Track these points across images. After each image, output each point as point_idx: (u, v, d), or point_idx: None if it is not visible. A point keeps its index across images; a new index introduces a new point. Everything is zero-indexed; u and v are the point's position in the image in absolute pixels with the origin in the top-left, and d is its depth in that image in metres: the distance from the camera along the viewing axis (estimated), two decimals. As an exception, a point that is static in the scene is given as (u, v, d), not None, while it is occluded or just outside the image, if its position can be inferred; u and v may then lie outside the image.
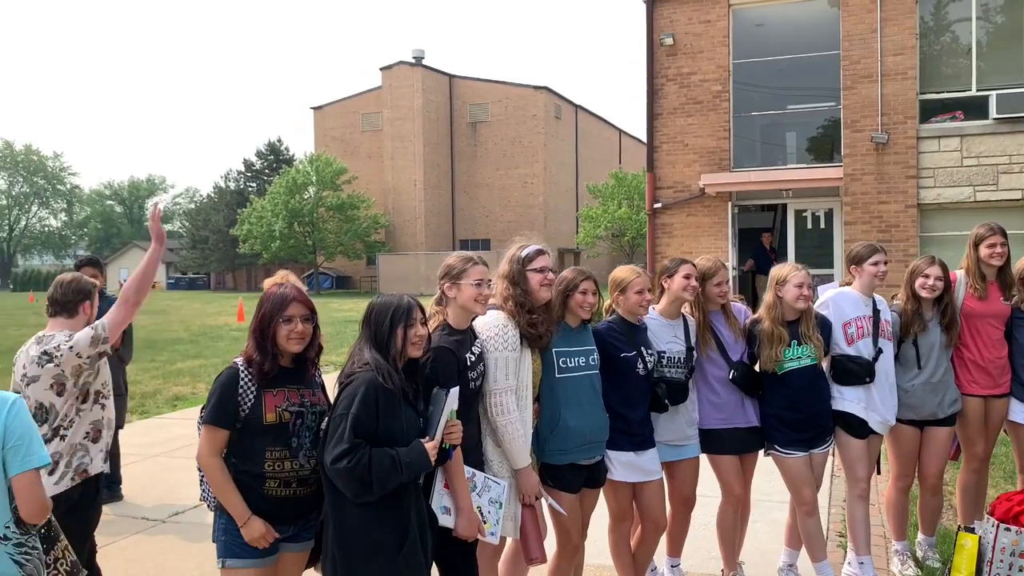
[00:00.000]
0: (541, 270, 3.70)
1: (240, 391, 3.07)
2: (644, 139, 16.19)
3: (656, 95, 15.54)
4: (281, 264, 52.69)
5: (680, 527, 4.58)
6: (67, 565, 2.94)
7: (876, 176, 13.64)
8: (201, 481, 3.27)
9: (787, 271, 4.54)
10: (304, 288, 6.14)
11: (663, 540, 4.54)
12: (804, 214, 15.02)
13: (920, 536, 5.06)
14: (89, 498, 3.86)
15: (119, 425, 5.93)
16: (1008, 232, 13.26)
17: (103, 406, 3.95)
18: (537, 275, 3.69)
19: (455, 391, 3.08)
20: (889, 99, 13.58)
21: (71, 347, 3.69)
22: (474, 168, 53.21)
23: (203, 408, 3.17)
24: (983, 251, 4.85)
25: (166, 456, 8.06)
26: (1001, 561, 4.20)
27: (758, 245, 15.54)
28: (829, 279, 10.99)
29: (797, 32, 15.12)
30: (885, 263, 4.71)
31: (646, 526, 4.32)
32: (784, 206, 15.28)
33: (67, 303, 3.91)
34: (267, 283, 3.63)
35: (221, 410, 3.06)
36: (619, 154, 61.71)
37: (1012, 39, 13.45)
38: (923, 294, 4.69)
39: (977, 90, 13.38)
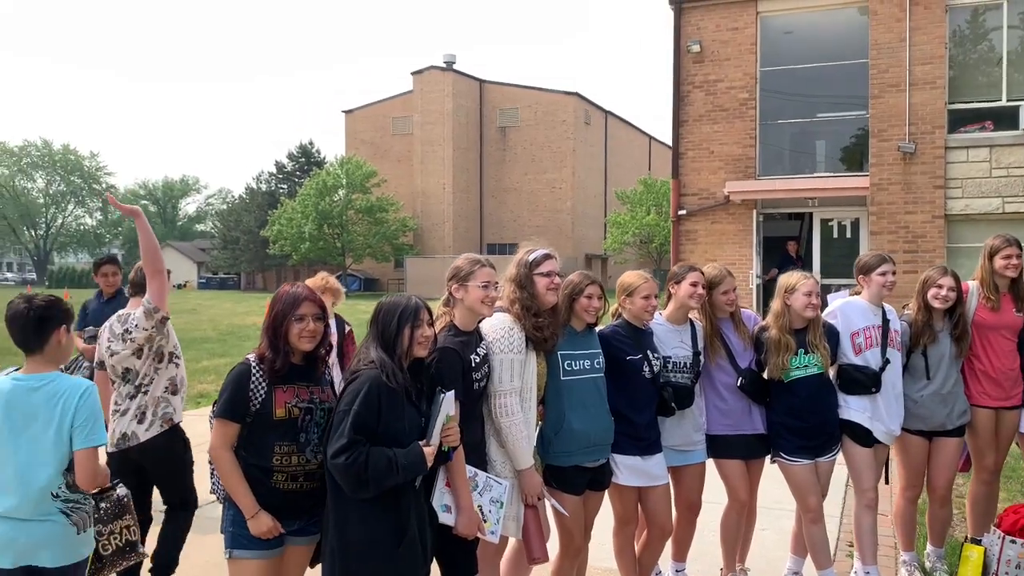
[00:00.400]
0: (548, 274, 3.76)
1: (252, 387, 3.17)
2: (672, 145, 16.19)
3: (682, 102, 15.53)
4: (311, 265, 53.30)
5: (686, 532, 4.62)
6: (121, 540, 3.17)
7: (903, 186, 13.53)
8: (212, 474, 3.37)
9: (796, 279, 4.56)
10: (342, 289, 6.16)
11: (668, 544, 4.59)
12: (830, 223, 14.92)
13: (929, 547, 5.05)
14: (179, 443, 4.71)
15: None
16: (1034, 244, 12.83)
17: (176, 365, 4.73)
18: (544, 279, 3.75)
19: (451, 395, 3.14)
20: (917, 108, 13.47)
21: (136, 323, 4.48)
22: (503, 173, 53.38)
23: (215, 403, 3.27)
24: (998, 263, 4.83)
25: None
26: (1007, 573, 4.20)
27: (783, 254, 15.46)
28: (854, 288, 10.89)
29: (826, 40, 15.04)
30: (893, 273, 4.71)
31: (652, 531, 4.36)
32: (810, 215, 15.19)
33: (141, 284, 4.70)
34: (308, 282, 4.33)
35: (232, 405, 3.16)
36: (648, 160, 61.58)
37: (1044, 49, 13.29)
38: (936, 304, 4.68)
39: (1008, 100, 13.23)
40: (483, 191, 53.92)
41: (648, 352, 4.24)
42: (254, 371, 3.20)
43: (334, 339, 5.34)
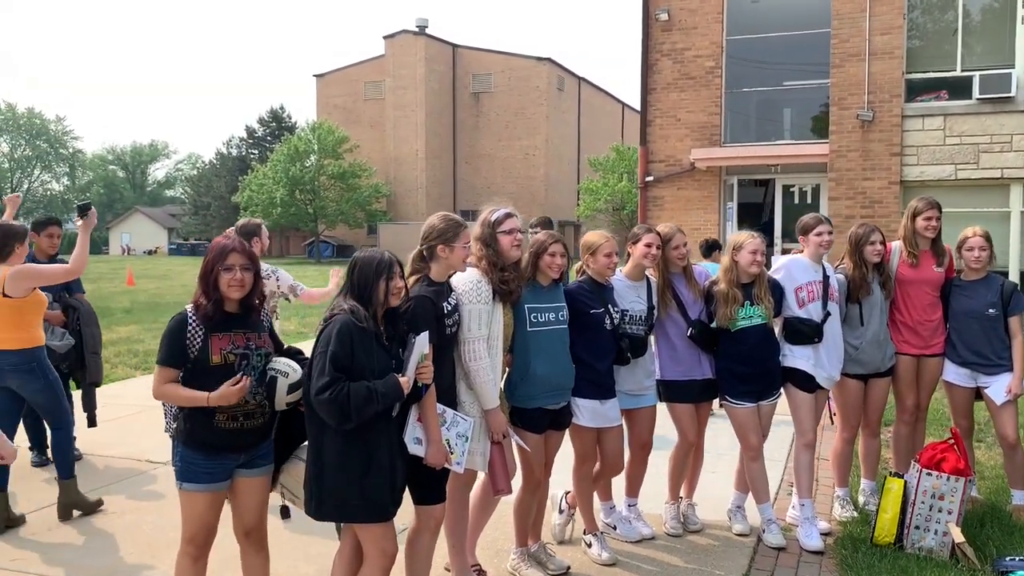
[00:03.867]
0: (510, 232, 4.11)
1: (188, 334, 3.44)
2: (643, 112, 16.50)
3: (650, 70, 15.84)
4: (283, 232, 53.15)
5: (638, 470, 5.05)
6: None
7: (861, 153, 14.00)
8: (165, 415, 3.64)
9: (743, 238, 4.96)
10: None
11: (623, 482, 5.02)
12: (792, 189, 15.42)
13: (863, 482, 5.53)
14: None
15: (97, 382, 6.46)
16: (989, 209, 13.83)
17: None
18: (507, 236, 4.10)
19: (425, 335, 3.50)
20: (876, 78, 13.90)
21: None
22: (476, 139, 53.38)
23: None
24: (919, 223, 5.27)
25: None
26: (922, 503, 4.66)
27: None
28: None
29: (791, 10, 15.39)
30: (830, 233, 5.11)
31: (604, 468, 4.80)
32: (773, 181, 15.65)
33: None
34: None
35: (171, 351, 3.44)
36: (621, 127, 61.77)
37: (997, 21, 13.73)
38: (874, 259, 5.12)
39: (962, 71, 13.70)
40: (456, 157, 53.92)
41: (609, 306, 4.63)
42: (190, 320, 3.45)
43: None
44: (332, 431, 3.33)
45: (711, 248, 9.18)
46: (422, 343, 3.46)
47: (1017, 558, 4.35)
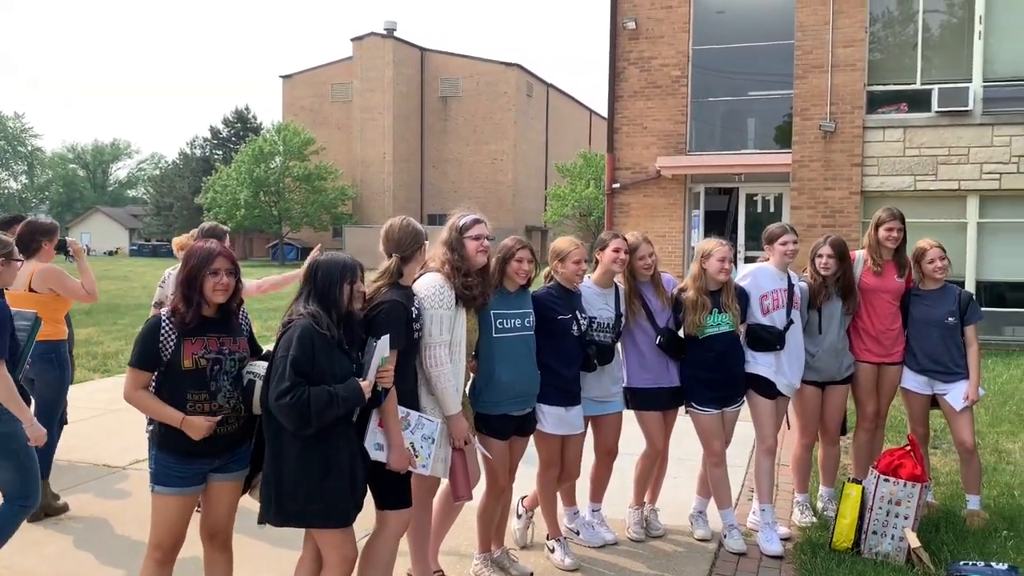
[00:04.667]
0: (477, 237, 4.11)
1: (162, 338, 3.41)
2: (611, 120, 16.60)
3: (617, 78, 15.96)
4: (246, 234, 52.63)
5: (603, 476, 5.06)
6: None
7: (823, 163, 14.23)
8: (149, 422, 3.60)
9: (711, 246, 5.00)
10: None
11: (587, 486, 5.04)
12: (755, 198, 15.61)
13: (822, 488, 5.60)
14: None
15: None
16: (945, 220, 14.12)
17: None
18: (473, 242, 4.10)
19: (386, 339, 3.48)
20: (838, 89, 14.14)
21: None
22: (444, 143, 53.31)
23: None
24: (882, 233, 5.36)
25: (126, 411, 8.37)
26: (880, 509, 4.73)
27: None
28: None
29: (756, 21, 15.59)
30: (795, 242, 5.19)
31: (563, 474, 4.81)
32: (737, 190, 15.83)
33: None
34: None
35: (143, 355, 3.41)
36: (589, 134, 62.11)
37: (956, 36, 14.04)
38: (822, 272, 5.20)
39: (921, 84, 13.99)
40: (424, 161, 53.80)
41: (577, 312, 4.64)
42: (164, 324, 3.43)
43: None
44: (291, 436, 3.31)
45: None
46: (383, 347, 3.44)
47: (970, 562, 4.44)
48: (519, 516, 5.04)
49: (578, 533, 5.04)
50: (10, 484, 4.18)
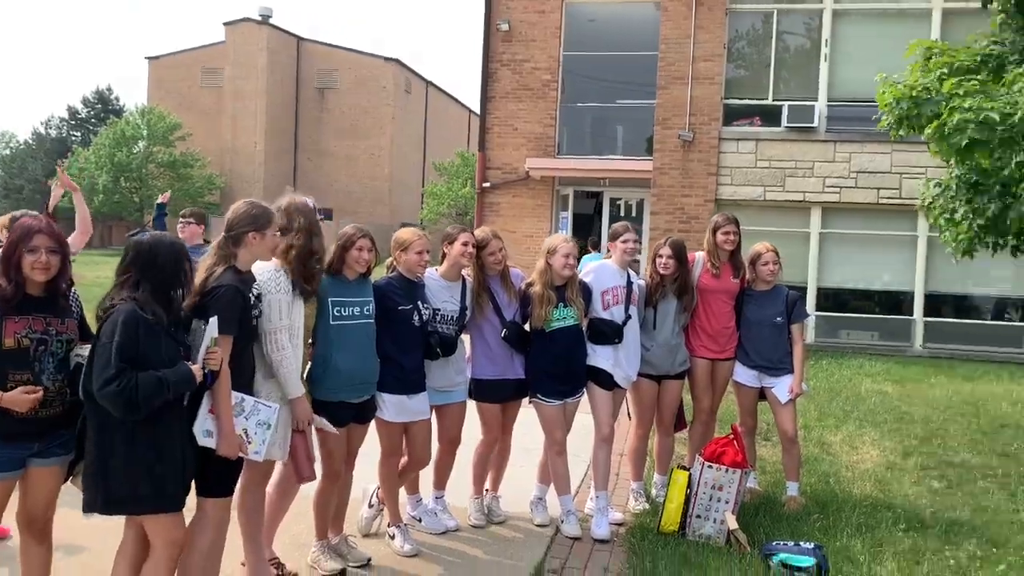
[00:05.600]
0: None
1: None
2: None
3: (490, 78, 16.17)
4: (104, 220, 49.89)
5: (446, 463, 5.16)
6: None
7: (681, 171, 14.87)
8: None
9: (557, 242, 5.19)
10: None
11: (431, 474, 5.12)
12: (618, 202, 16.15)
13: (656, 476, 5.89)
14: None
15: None
16: (791, 229, 14.93)
17: None
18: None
19: (215, 321, 3.44)
20: (697, 101, 14.81)
21: None
22: (320, 135, 52.20)
23: None
24: (719, 237, 5.70)
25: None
26: (704, 493, 5.04)
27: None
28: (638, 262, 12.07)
29: (625, 31, 16.10)
30: (636, 241, 5.46)
31: (411, 461, 4.88)
32: (601, 194, 16.34)
33: None
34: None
35: None
36: (468, 133, 62.26)
37: (806, 57, 14.96)
38: (661, 271, 5.48)
39: (773, 100, 14.82)
40: (298, 152, 52.50)
41: (419, 303, 4.72)
42: None
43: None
44: (118, 423, 3.22)
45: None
46: (212, 329, 3.40)
47: (782, 542, 4.78)
48: (370, 505, 5.05)
49: (420, 520, 5.12)
50: None
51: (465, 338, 5.14)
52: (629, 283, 5.44)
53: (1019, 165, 6.36)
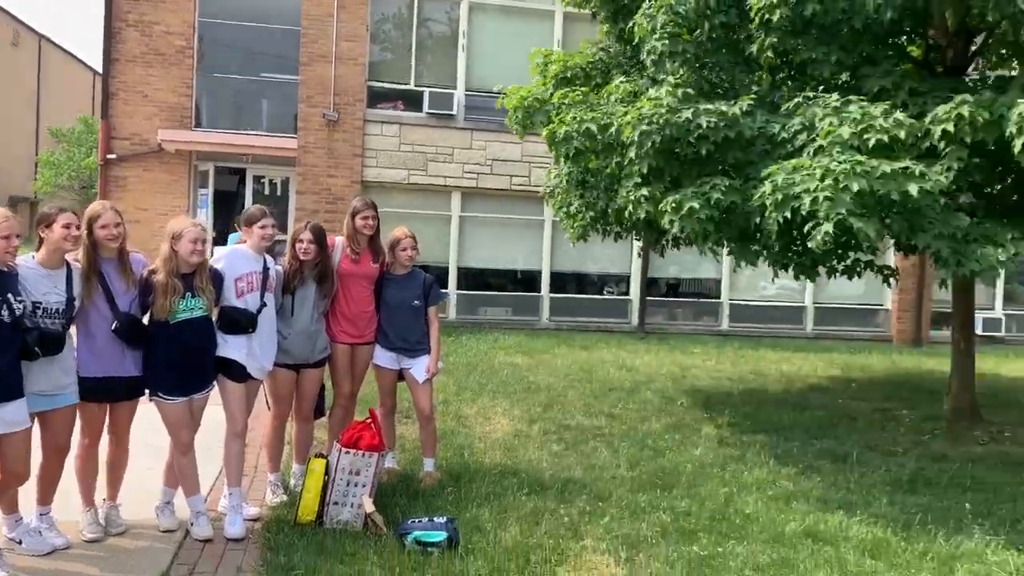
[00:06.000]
0: None
1: None
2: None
3: (114, 39, 14.68)
4: None
5: (53, 475, 4.58)
6: None
7: (327, 151, 14.72)
8: None
9: (183, 226, 4.79)
10: None
11: (34, 489, 4.52)
12: (263, 180, 15.56)
13: (295, 466, 5.77)
14: None
15: None
16: (433, 212, 15.47)
17: None
18: None
19: None
20: (341, 81, 14.72)
21: None
22: None
23: None
24: (358, 221, 5.70)
25: None
26: (341, 480, 5.04)
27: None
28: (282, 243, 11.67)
29: (268, 2, 15.48)
30: (273, 226, 5.26)
31: (6, 477, 4.26)
32: (245, 171, 15.62)
33: None
34: None
35: None
36: (93, 98, 55.91)
37: (444, 45, 15.55)
38: (302, 257, 5.35)
39: (415, 85, 15.22)
40: None
41: (9, 296, 4.11)
42: None
43: None
44: None
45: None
46: None
47: (416, 520, 4.94)
48: None
49: (20, 543, 4.49)
50: None
51: (72, 334, 4.58)
52: (266, 268, 5.23)
53: (618, 166, 7.24)
